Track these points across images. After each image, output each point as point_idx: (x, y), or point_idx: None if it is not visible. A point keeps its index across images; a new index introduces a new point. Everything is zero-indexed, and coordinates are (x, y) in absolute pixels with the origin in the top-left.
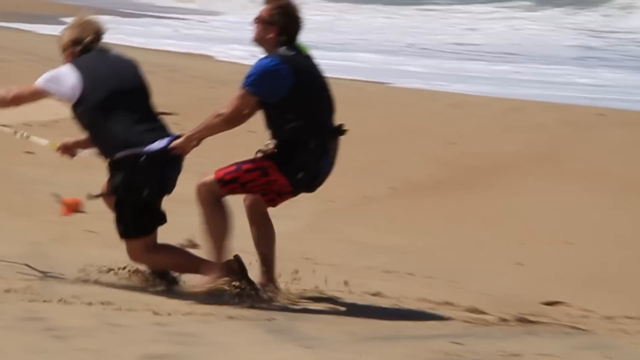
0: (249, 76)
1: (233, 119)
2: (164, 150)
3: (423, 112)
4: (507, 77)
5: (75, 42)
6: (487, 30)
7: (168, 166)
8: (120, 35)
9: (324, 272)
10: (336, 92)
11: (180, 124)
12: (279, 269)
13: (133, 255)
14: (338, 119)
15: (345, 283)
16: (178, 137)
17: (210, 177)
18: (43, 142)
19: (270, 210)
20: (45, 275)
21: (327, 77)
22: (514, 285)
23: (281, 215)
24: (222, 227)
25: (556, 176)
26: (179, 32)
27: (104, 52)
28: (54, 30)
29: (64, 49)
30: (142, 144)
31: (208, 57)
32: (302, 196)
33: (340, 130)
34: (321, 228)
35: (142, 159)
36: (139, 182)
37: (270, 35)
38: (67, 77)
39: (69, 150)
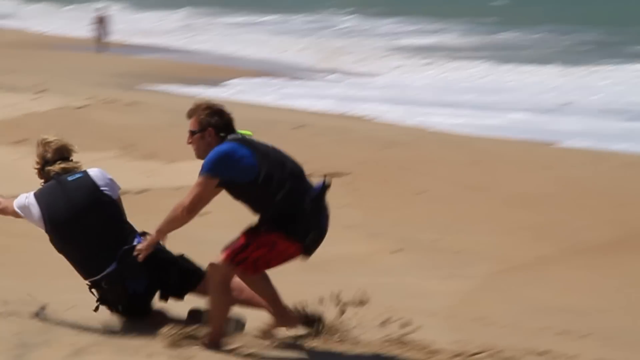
0: (206, 163)
1: (194, 208)
2: (120, 268)
3: (594, 172)
4: None
5: (40, 161)
6: None
7: (132, 278)
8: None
9: (497, 332)
10: (503, 152)
11: (353, 184)
12: (452, 328)
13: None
14: (508, 179)
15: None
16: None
17: (220, 259)
18: None
19: (443, 272)
20: None
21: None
22: None
23: (453, 275)
24: (227, 309)
25: None
26: (339, 93)
27: (61, 179)
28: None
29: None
30: (101, 270)
31: (368, 119)
32: (476, 257)
33: (327, 185)
34: (494, 288)
35: (103, 283)
36: (110, 302)
37: (209, 139)
38: (33, 208)
39: None
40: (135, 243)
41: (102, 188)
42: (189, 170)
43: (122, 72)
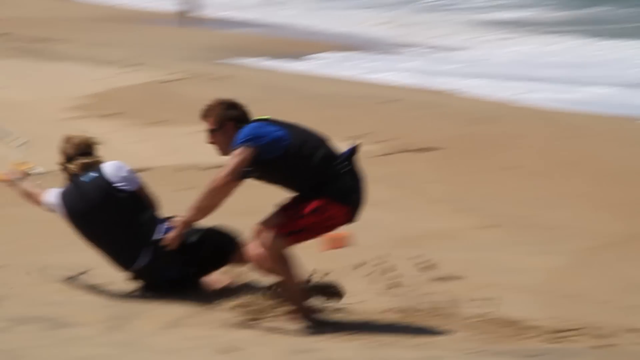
0: (238, 138)
1: (233, 178)
2: (149, 259)
3: None
4: None
5: (62, 157)
6: None
7: (163, 267)
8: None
9: (592, 309)
10: (592, 127)
11: (442, 159)
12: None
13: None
14: (599, 154)
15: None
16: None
17: (268, 236)
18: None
19: (535, 248)
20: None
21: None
22: None
23: (545, 251)
24: (296, 278)
25: None
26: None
27: (77, 181)
28: (299, 67)
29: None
30: (131, 263)
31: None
32: (568, 233)
33: (356, 149)
34: (587, 264)
35: (136, 275)
36: (153, 289)
37: (231, 132)
38: (58, 209)
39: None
40: (162, 232)
41: (116, 184)
42: None
43: (210, 46)
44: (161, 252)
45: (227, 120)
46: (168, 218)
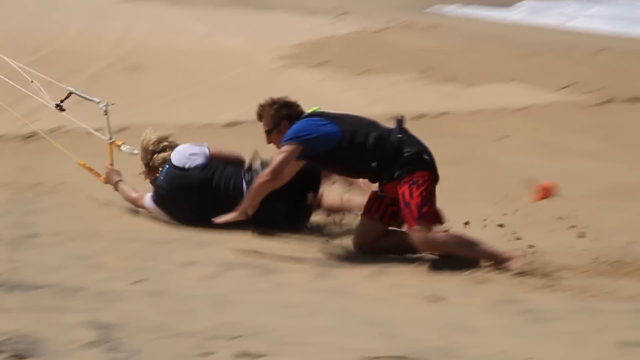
0: (287, 134)
1: (277, 174)
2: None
3: None
4: None
5: (145, 164)
6: None
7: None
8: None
9: None
10: None
11: None
12: None
13: None
14: None
15: None
16: None
17: (415, 239)
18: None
19: None
20: None
21: None
22: None
23: None
24: (466, 241)
25: None
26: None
27: (157, 184)
28: (510, 15)
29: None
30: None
31: None
32: None
33: (402, 120)
34: None
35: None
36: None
37: (286, 130)
38: (157, 213)
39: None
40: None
41: (187, 166)
42: (488, 94)
43: None
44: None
45: (281, 119)
46: (250, 169)
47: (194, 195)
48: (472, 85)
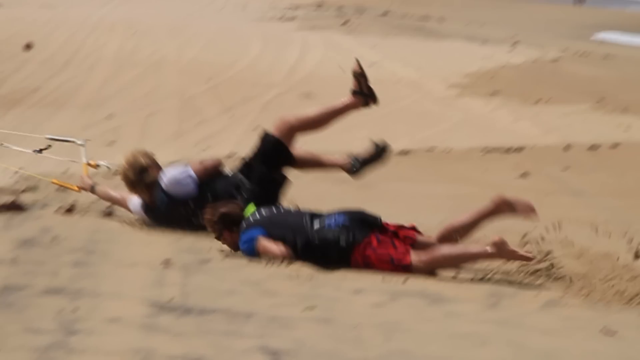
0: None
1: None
2: None
3: None
4: None
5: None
6: None
7: None
8: None
9: None
10: None
11: None
12: None
13: None
14: None
15: None
16: None
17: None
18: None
19: None
20: None
21: None
22: None
23: None
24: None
25: None
26: None
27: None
28: None
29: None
30: None
31: None
32: None
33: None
34: None
35: None
36: None
37: None
38: (148, 219)
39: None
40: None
41: (181, 196)
42: None
43: (596, 24)
44: None
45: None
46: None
47: (193, 220)
48: None
